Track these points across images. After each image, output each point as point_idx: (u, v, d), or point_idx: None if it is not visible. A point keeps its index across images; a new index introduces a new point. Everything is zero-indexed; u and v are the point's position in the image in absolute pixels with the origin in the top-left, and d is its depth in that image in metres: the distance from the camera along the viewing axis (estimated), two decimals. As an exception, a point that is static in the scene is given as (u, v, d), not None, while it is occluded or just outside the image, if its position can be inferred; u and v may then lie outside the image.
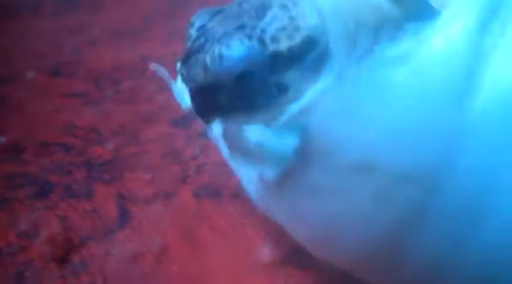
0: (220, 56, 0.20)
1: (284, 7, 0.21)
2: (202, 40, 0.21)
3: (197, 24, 0.23)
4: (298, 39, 0.21)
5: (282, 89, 0.21)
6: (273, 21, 0.21)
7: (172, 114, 0.51)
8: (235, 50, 0.20)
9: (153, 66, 0.26)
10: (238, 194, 0.24)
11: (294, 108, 0.21)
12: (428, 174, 0.14)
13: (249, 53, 0.20)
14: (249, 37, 0.20)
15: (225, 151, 0.22)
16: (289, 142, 0.17)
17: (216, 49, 0.20)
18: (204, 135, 0.31)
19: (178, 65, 0.24)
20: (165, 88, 0.60)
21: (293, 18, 0.21)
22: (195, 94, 0.22)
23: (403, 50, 0.13)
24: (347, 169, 0.14)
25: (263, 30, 0.21)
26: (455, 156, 0.13)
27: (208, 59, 0.21)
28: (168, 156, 0.38)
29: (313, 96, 0.21)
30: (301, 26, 0.21)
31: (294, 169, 0.15)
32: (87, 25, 0.89)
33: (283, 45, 0.21)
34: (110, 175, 0.36)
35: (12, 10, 1.02)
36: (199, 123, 0.25)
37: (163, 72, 0.25)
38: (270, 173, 0.17)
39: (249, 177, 0.20)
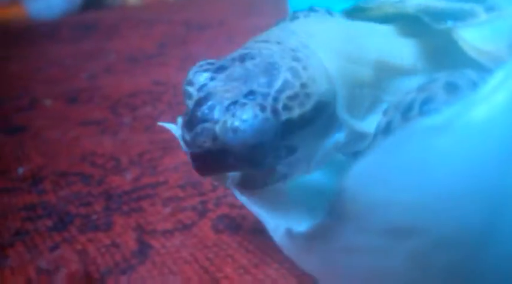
0: (234, 129, 0.19)
1: (294, 71, 0.21)
2: (208, 105, 0.20)
3: (197, 83, 0.22)
4: (309, 106, 0.21)
5: (291, 150, 0.21)
6: (285, 88, 0.20)
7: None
8: (249, 123, 0.19)
9: (160, 124, 0.26)
10: (258, 229, 0.23)
11: (301, 165, 0.22)
12: (470, 238, 0.13)
13: (264, 126, 0.20)
14: (263, 109, 0.20)
15: (245, 200, 0.22)
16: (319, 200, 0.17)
17: (229, 120, 0.20)
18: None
19: (180, 121, 0.24)
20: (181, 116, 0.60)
21: (304, 86, 0.21)
22: (198, 158, 0.21)
23: (445, 119, 0.12)
24: (383, 232, 0.14)
25: (275, 99, 0.20)
26: (498, 221, 0.13)
27: (218, 129, 0.20)
28: (187, 186, 0.38)
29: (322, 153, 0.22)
30: (312, 93, 0.21)
31: (327, 227, 0.15)
32: (103, 51, 0.90)
33: (295, 112, 0.20)
34: (129, 207, 0.36)
35: (29, 37, 1.04)
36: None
37: (171, 128, 0.25)
38: (299, 227, 0.17)
39: (274, 226, 0.20)
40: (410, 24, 0.25)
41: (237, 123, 0.20)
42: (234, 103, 0.20)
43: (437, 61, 0.24)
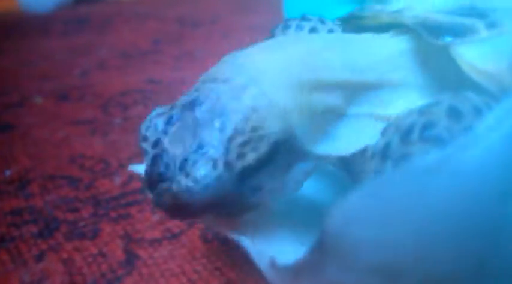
0: (189, 190, 0.20)
1: (243, 114, 0.20)
2: (162, 164, 0.20)
3: (151, 137, 0.22)
4: (263, 148, 0.20)
5: (255, 189, 0.21)
6: (235, 135, 0.20)
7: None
8: (203, 183, 0.19)
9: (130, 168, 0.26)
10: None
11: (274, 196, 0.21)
12: (463, 280, 0.13)
13: (218, 183, 0.19)
14: (214, 165, 0.19)
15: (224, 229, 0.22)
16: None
17: (182, 181, 0.20)
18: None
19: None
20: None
21: (255, 129, 0.20)
22: (167, 211, 0.22)
23: (437, 161, 0.12)
24: (369, 271, 0.13)
25: (227, 149, 0.20)
26: (491, 262, 0.13)
27: (175, 188, 0.20)
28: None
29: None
30: (265, 135, 0.20)
31: (311, 263, 0.15)
32: (95, 46, 0.88)
33: (250, 158, 0.20)
34: (117, 213, 0.36)
35: (21, 30, 1.02)
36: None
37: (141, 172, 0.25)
38: (283, 256, 0.17)
39: (257, 252, 0.19)
40: (406, 36, 0.25)
41: (190, 184, 0.20)
42: (185, 160, 0.20)
43: (433, 77, 0.23)
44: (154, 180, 0.21)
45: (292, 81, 0.21)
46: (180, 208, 0.20)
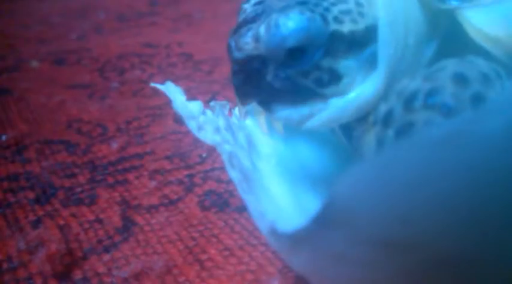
0: (277, 25, 0.18)
1: None
2: (259, 11, 0.19)
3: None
4: (361, 25, 0.19)
5: (335, 77, 0.19)
6: (338, 2, 0.19)
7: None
8: (293, 19, 0.18)
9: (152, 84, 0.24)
10: (245, 207, 0.23)
11: (338, 105, 0.20)
12: (475, 256, 0.12)
13: (308, 25, 0.18)
14: (312, 11, 0.19)
15: (240, 189, 0.21)
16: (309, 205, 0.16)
17: (273, 18, 0.19)
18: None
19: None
20: (173, 81, 0.58)
21: (359, 4, 0.20)
22: (239, 68, 0.19)
23: (446, 133, 0.11)
24: (374, 244, 0.13)
25: (327, 9, 0.19)
26: (505, 239, 0.12)
27: (262, 28, 0.19)
28: (174, 158, 0.37)
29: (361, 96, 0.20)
30: (366, 14, 0.20)
31: (312, 233, 0.14)
32: (92, 9, 0.87)
33: (346, 27, 0.19)
34: (114, 179, 0.35)
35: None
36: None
37: (168, 89, 0.23)
38: (283, 228, 0.16)
39: (260, 218, 0.19)
40: None
41: (280, 19, 0.19)
42: (285, 7, 0.19)
43: (441, 42, 0.22)
44: (243, 24, 0.19)
45: None
46: (256, 64, 0.19)
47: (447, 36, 0.21)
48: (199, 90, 0.52)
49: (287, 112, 0.20)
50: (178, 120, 0.46)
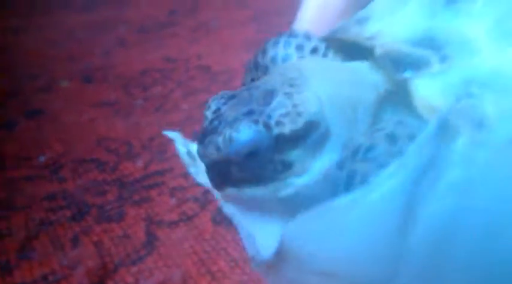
0: (230, 139, 0.23)
1: (288, 95, 0.24)
2: (216, 123, 0.24)
3: (213, 107, 0.26)
4: (300, 123, 0.24)
5: (287, 165, 0.25)
6: (278, 107, 0.24)
7: (194, 125, 0.55)
8: (242, 133, 0.23)
9: (165, 133, 0.29)
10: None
11: (298, 181, 0.25)
12: None
13: (256, 136, 0.23)
14: (256, 122, 0.23)
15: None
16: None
17: (227, 132, 0.24)
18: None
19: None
20: (191, 94, 0.63)
21: (296, 106, 0.24)
22: (209, 169, 0.25)
23: (353, 199, 0.16)
24: (316, 273, 0.18)
25: (269, 116, 0.24)
26: (396, 275, 0.16)
27: (220, 141, 0.24)
28: (189, 175, 0.42)
29: (316, 172, 0.24)
30: (303, 112, 0.24)
31: (275, 263, 0.19)
32: (114, 22, 0.92)
33: (287, 128, 0.24)
34: (140, 196, 0.40)
35: (42, 5, 1.06)
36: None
37: (175, 139, 0.28)
38: (259, 258, 0.21)
39: (248, 241, 0.23)
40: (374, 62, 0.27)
41: (233, 134, 0.24)
42: (235, 120, 0.24)
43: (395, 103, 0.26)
44: (206, 134, 0.24)
45: (330, 80, 0.25)
46: (222, 165, 0.24)
47: (401, 98, 0.25)
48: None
49: (254, 193, 0.25)
50: (195, 135, 0.51)
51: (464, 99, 0.21)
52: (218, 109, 0.25)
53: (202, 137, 0.25)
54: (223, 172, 0.24)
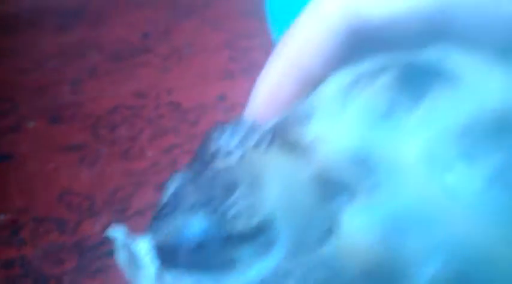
0: (183, 227, 0.24)
1: (246, 194, 0.25)
2: (170, 208, 0.25)
3: (171, 189, 0.26)
4: (253, 223, 0.24)
5: (232, 261, 0.25)
6: (236, 203, 0.24)
7: (159, 174, 0.55)
8: (195, 225, 0.24)
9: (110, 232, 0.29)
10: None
11: (240, 279, 0.25)
12: None
13: (207, 230, 0.24)
14: (210, 216, 0.24)
15: None
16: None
17: (180, 222, 0.24)
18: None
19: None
20: (159, 136, 0.62)
21: (251, 206, 0.25)
22: (158, 252, 0.25)
23: None
24: None
25: (223, 213, 0.24)
26: None
27: (171, 228, 0.24)
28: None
29: (260, 272, 0.25)
30: (257, 212, 0.25)
31: None
32: (87, 47, 0.90)
33: (239, 226, 0.24)
34: (96, 266, 0.40)
35: (14, 25, 1.05)
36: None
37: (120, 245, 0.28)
38: None
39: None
40: None
41: (185, 224, 0.24)
42: (192, 207, 0.24)
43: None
44: (159, 218, 0.25)
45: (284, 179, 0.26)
46: (169, 249, 0.25)
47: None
48: (183, 148, 0.57)
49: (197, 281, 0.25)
50: (160, 187, 0.51)
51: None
52: (175, 193, 0.25)
53: (155, 220, 0.25)
54: (169, 258, 0.25)
